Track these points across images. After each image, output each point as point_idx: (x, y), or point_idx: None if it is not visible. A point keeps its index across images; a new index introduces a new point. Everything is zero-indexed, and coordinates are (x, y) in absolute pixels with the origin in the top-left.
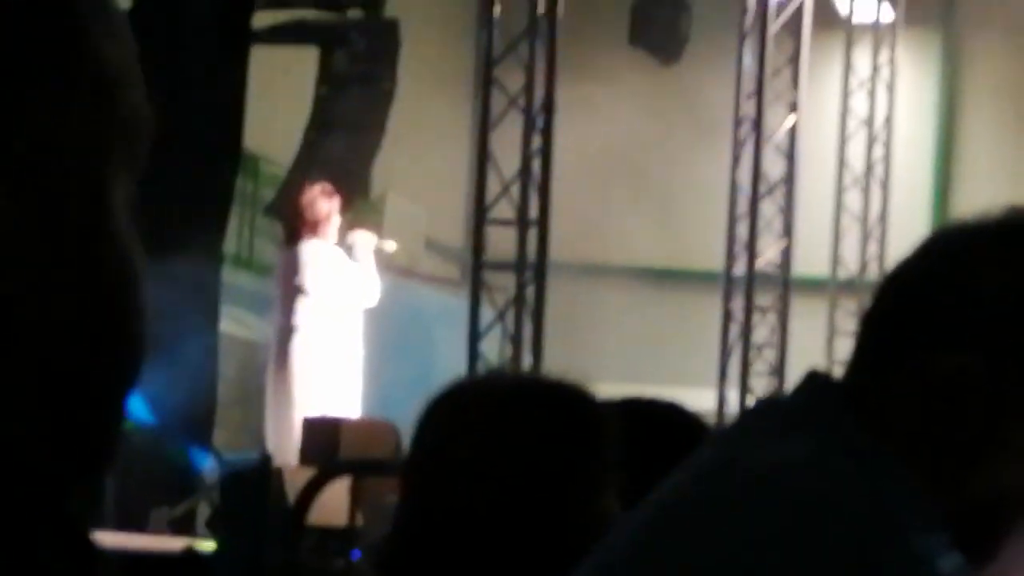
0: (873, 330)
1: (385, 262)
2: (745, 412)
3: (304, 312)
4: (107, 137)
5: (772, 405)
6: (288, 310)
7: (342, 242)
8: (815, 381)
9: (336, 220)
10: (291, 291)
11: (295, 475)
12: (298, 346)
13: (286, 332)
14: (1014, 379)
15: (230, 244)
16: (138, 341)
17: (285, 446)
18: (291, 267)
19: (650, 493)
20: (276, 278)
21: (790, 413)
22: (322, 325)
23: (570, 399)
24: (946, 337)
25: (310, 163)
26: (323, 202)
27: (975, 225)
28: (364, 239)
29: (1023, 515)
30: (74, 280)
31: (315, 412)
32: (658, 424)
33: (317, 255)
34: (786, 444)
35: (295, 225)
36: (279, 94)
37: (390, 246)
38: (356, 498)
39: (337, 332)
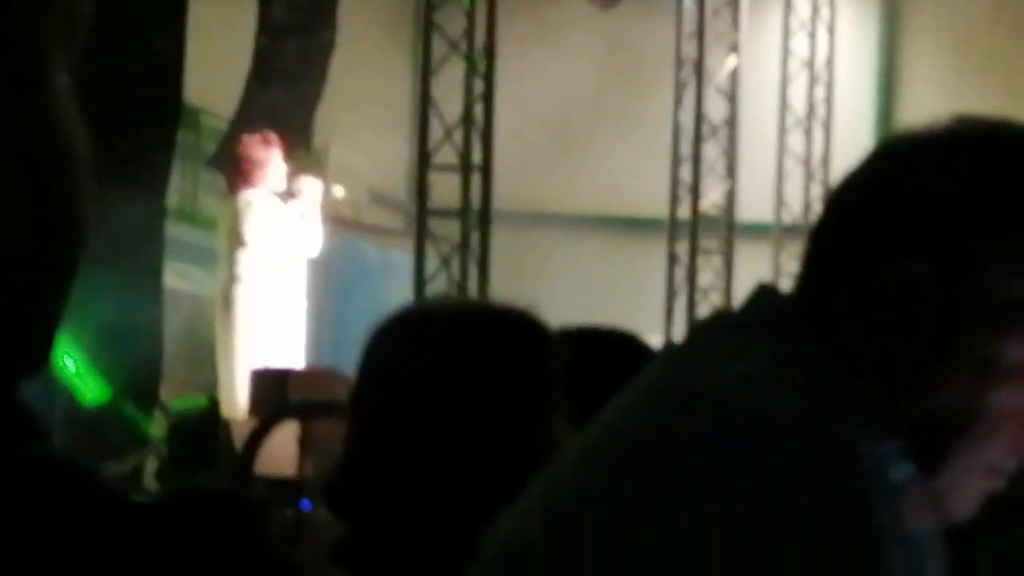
0: (821, 242)
1: (330, 212)
2: (694, 328)
3: (245, 263)
4: (44, 25)
5: (721, 321)
6: (229, 261)
7: (289, 189)
8: (763, 296)
9: (278, 168)
10: (232, 242)
11: (243, 426)
12: (240, 297)
13: (228, 283)
14: (961, 285)
15: (173, 198)
16: (81, 223)
17: (231, 398)
18: (232, 217)
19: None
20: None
21: (739, 328)
22: (263, 275)
23: (517, 322)
24: (891, 245)
25: (252, 115)
26: (261, 150)
27: (920, 134)
28: (311, 186)
29: (973, 424)
30: (17, 166)
31: (259, 363)
32: (609, 349)
33: (255, 204)
34: (735, 359)
35: (234, 175)
36: (219, 46)
37: (338, 191)
38: (305, 447)
39: (279, 282)
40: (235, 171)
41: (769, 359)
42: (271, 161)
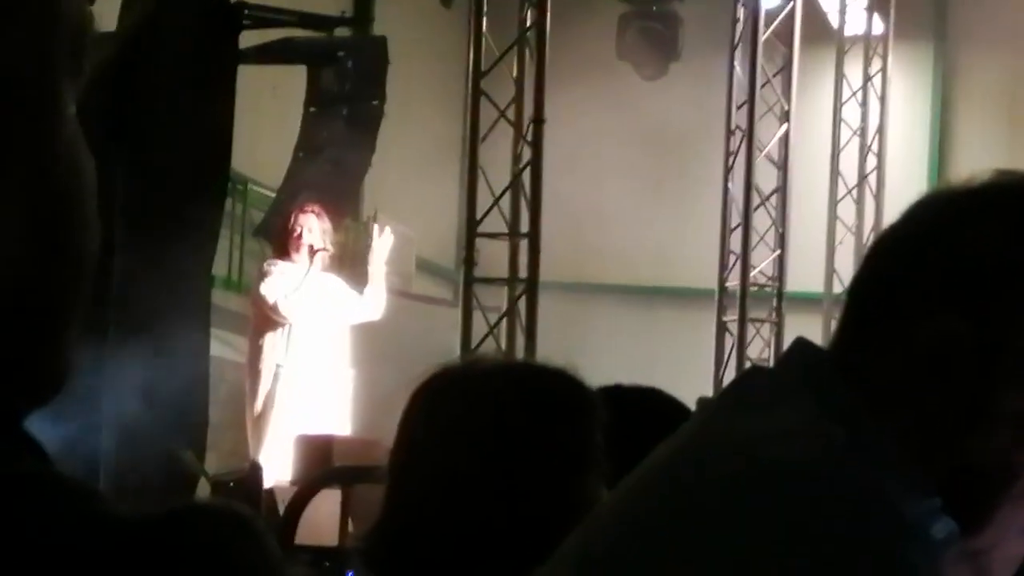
0: (860, 297)
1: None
2: (733, 382)
3: (273, 329)
4: (54, 49)
5: (759, 374)
6: (258, 326)
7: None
8: (803, 350)
9: (316, 238)
10: (259, 307)
11: (287, 492)
12: (264, 363)
13: (254, 349)
14: (1000, 342)
15: (220, 267)
16: (88, 250)
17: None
18: (253, 289)
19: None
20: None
21: (778, 382)
22: (289, 346)
23: (562, 380)
24: (930, 301)
25: (299, 184)
26: (300, 219)
27: (960, 189)
28: (384, 241)
29: (1015, 481)
30: (30, 190)
31: (282, 432)
32: (640, 407)
33: (273, 273)
34: (773, 413)
35: (276, 246)
36: (267, 115)
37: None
38: (348, 514)
39: (309, 352)
40: (276, 242)
41: (807, 412)
42: (312, 232)
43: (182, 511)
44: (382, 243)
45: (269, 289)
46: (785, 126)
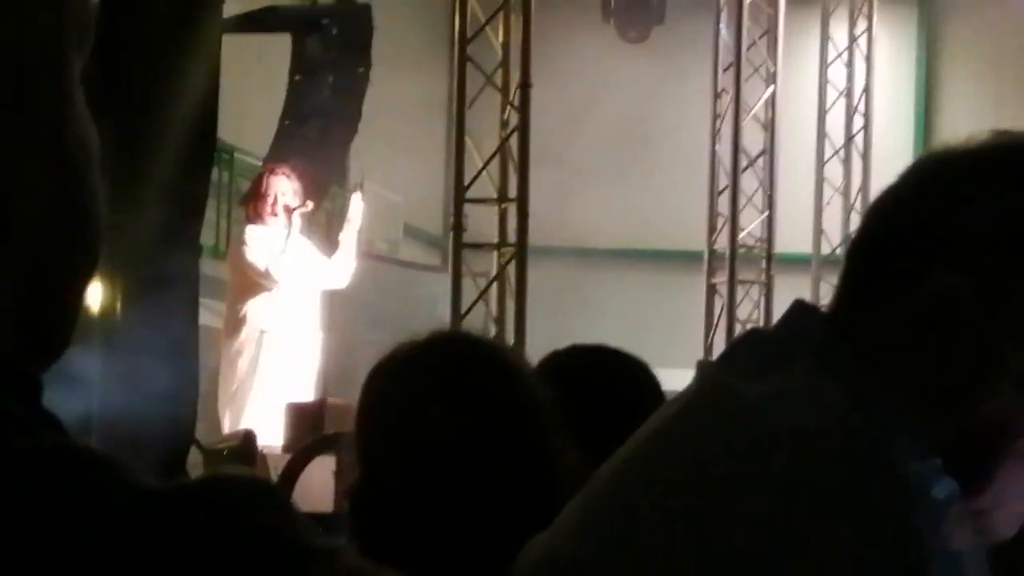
0: (859, 258)
1: (366, 247)
2: (731, 345)
3: (249, 294)
4: (64, 22)
5: (758, 337)
6: (234, 292)
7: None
8: (800, 312)
9: (289, 200)
10: (234, 274)
11: (280, 460)
12: (243, 328)
13: (232, 314)
14: (1002, 301)
15: (207, 236)
16: (98, 214)
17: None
18: (235, 250)
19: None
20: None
21: (777, 344)
22: (268, 307)
23: (492, 348)
24: (931, 261)
25: (285, 152)
26: (272, 181)
27: (958, 150)
28: (356, 206)
29: (1016, 441)
30: (43, 161)
31: (265, 396)
32: (601, 366)
33: (252, 239)
34: (773, 375)
35: (246, 207)
36: (252, 83)
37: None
38: (341, 481)
39: (285, 314)
40: (246, 205)
41: (808, 375)
42: (281, 193)
43: (210, 480)
44: (354, 210)
45: (256, 254)
46: (771, 88)
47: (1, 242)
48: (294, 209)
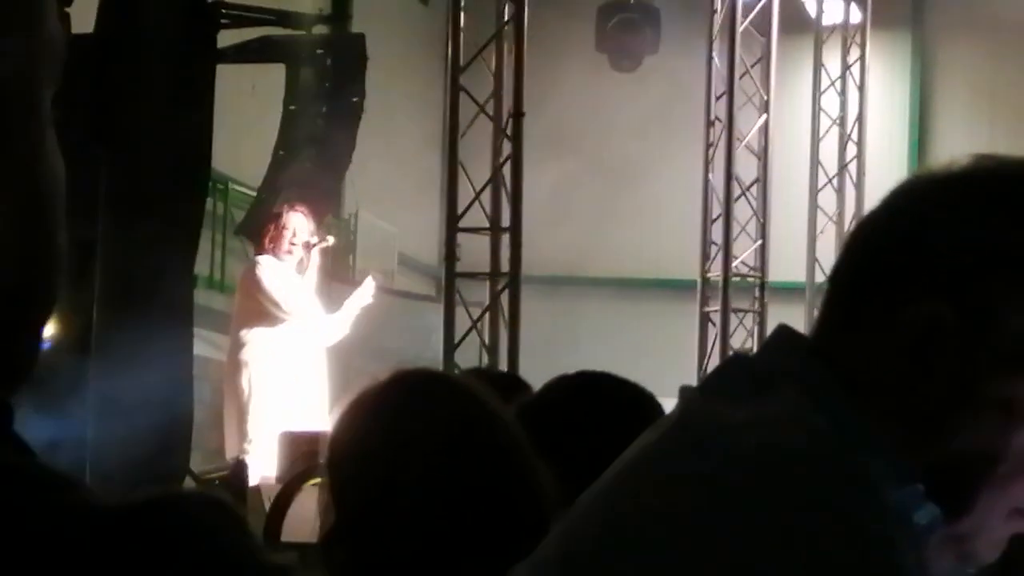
0: (841, 284)
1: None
2: (715, 370)
3: (256, 325)
4: (37, 59)
5: (741, 362)
6: (241, 322)
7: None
8: (785, 337)
9: (302, 238)
10: (245, 303)
11: (274, 490)
12: (249, 359)
13: (235, 345)
14: (983, 327)
15: (202, 266)
16: (60, 251)
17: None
18: (243, 280)
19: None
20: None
21: (760, 370)
22: (275, 339)
23: (438, 389)
24: (912, 288)
25: (279, 182)
26: (294, 221)
27: (940, 175)
28: (368, 286)
29: (997, 466)
30: (17, 196)
31: (268, 429)
32: (605, 393)
33: (263, 269)
34: (757, 401)
35: (261, 244)
36: (246, 114)
37: (328, 240)
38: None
39: (291, 346)
40: (260, 238)
41: (790, 401)
42: (298, 231)
43: (162, 498)
44: (364, 290)
45: (273, 284)
46: (764, 116)
47: None
48: (313, 245)
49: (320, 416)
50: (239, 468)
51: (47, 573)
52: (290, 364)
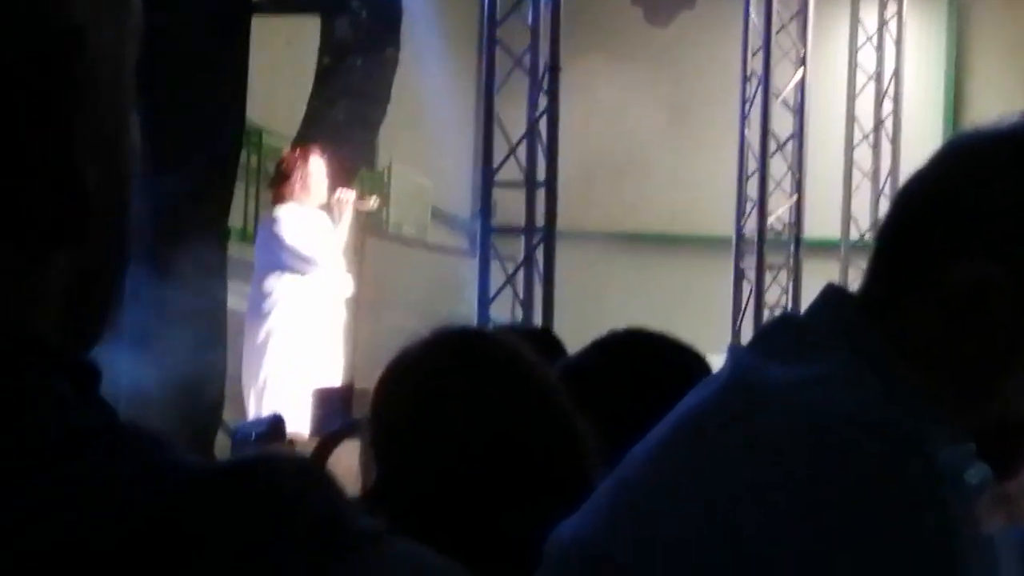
0: (889, 243)
1: (391, 233)
2: (764, 329)
3: (277, 278)
4: (125, 37)
5: (790, 322)
6: (261, 275)
7: (327, 205)
8: (833, 297)
9: (317, 182)
10: (265, 256)
11: (309, 445)
12: (270, 311)
13: (258, 297)
14: None
15: (235, 218)
16: (133, 221)
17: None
18: (265, 231)
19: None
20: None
21: (809, 329)
22: (296, 291)
23: (481, 348)
24: (964, 247)
25: (314, 134)
26: (301, 164)
27: (987, 133)
28: (345, 196)
29: None
30: (107, 168)
31: (291, 381)
32: (651, 350)
33: (291, 218)
34: (807, 360)
35: (274, 190)
36: (281, 65)
37: (372, 202)
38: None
39: (312, 299)
40: (274, 187)
41: (842, 360)
42: (308, 175)
43: (255, 461)
44: (343, 223)
45: (299, 235)
46: (801, 71)
47: (78, 244)
48: (346, 202)
49: (336, 370)
50: (276, 423)
51: (144, 534)
52: (310, 316)
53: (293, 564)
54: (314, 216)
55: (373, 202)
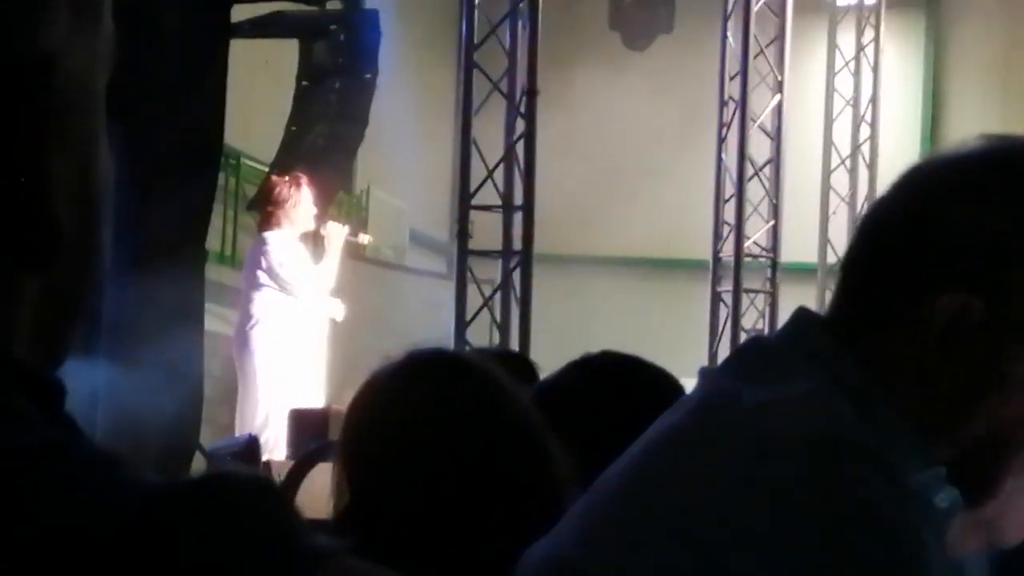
0: (854, 270)
1: (369, 256)
2: (735, 352)
3: (264, 302)
4: (98, 53)
5: (761, 344)
6: (249, 299)
7: (316, 233)
8: (805, 320)
9: (306, 209)
10: (253, 280)
11: (284, 466)
12: (258, 336)
13: (245, 321)
14: (1009, 315)
15: (213, 241)
16: (106, 245)
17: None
18: (251, 256)
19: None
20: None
21: (781, 351)
22: (283, 315)
23: (454, 369)
24: (939, 276)
25: (292, 157)
26: (288, 191)
27: (952, 159)
28: (335, 230)
29: (1021, 450)
30: (77, 194)
31: (276, 404)
32: (625, 374)
33: (273, 245)
34: (778, 382)
35: (262, 216)
36: (260, 89)
37: (364, 239)
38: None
39: (298, 323)
40: (263, 212)
41: (813, 382)
42: (301, 203)
43: (209, 478)
44: (337, 231)
45: (282, 261)
46: (778, 96)
47: (48, 269)
48: (322, 222)
49: (318, 393)
50: (251, 444)
51: (93, 548)
52: (295, 340)
53: None
54: (297, 244)
55: (366, 239)
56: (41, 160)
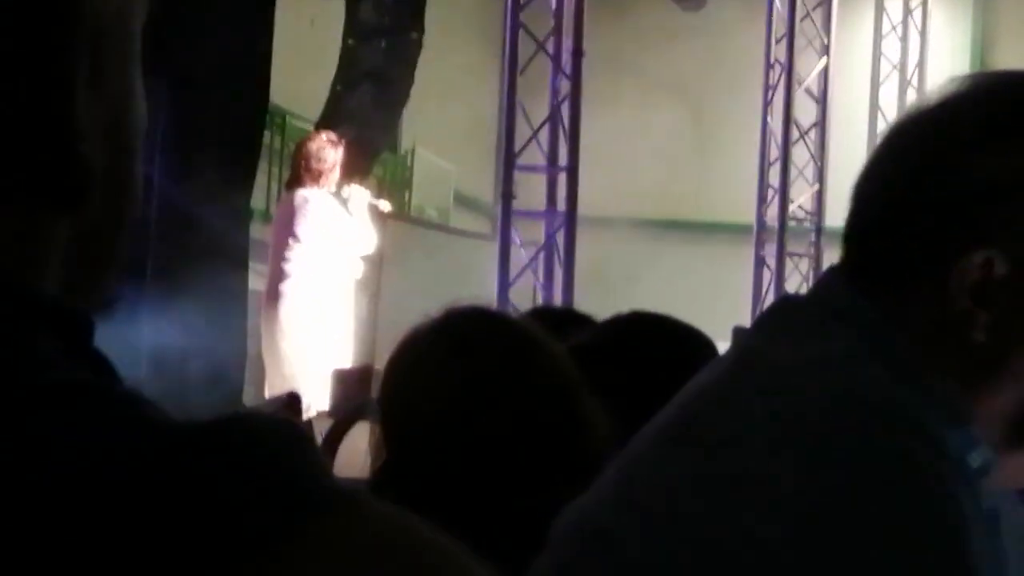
0: (875, 228)
1: (414, 217)
2: (767, 311)
3: (297, 259)
4: (133, 6)
5: (793, 304)
6: (280, 256)
7: (338, 194)
8: (836, 279)
9: (337, 170)
10: (285, 237)
11: (325, 425)
12: (289, 292)
13: (277, 278)
14: None
15: (258, 200)
16: (139, 190)
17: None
18: (288, 213)
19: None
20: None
21: (812, 311)
22: (315, 273)
23: (492, 328)
24: (960, 233)
25: (337, 117)
26: (329, 151)
27: (947, 107)
28: (359, 193)
29: None
30: (111, 135)
31: (306, 363)
32: (657, 333)
33: (316, 202)
34: (812, 341)
35: (298, 172)
36: (305, 47)
37: (384, 205)
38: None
39: (331, 280)
40: (300, 168)
41: (845, 343)
42: (337, 163)
43: (231, 418)
44: (359, 194)
45: (333, 215)
46: (824, 60)
47: (79, 209)
48: (335, 176)
49: (348, 352)
50: (292, 401)
51: (111, 492)
52: (325, 297)
53: (269, 521)
54: (330, 200)
55: (386, 205)
56: (70, 91)
